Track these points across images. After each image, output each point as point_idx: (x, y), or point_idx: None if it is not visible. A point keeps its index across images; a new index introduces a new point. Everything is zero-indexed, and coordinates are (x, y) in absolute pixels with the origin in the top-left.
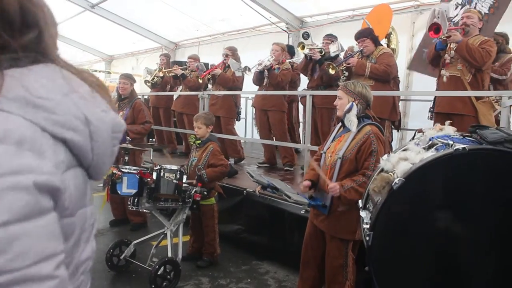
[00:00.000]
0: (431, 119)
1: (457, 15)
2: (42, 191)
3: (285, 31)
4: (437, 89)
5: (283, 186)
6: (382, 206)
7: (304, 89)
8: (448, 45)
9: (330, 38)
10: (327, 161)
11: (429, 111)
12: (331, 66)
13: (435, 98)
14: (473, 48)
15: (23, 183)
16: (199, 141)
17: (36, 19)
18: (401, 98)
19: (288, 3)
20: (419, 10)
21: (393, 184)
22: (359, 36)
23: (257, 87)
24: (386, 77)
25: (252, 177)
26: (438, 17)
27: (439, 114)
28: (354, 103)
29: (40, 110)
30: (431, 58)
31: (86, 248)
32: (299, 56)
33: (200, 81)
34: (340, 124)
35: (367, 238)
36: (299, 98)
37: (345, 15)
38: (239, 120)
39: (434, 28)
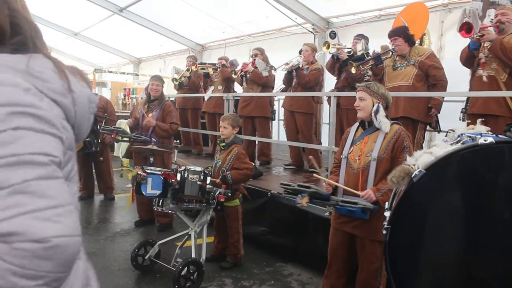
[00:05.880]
0: (463, 120)
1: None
2: (43, 121)
3: (311, 32)
4: (470, 89)
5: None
6: (402, 199)
7: (332, 90)
8: (482, 44)
9: (360, 37)
10: (353, 165)
11: (461, 112)
12: (353, 65)
13: (467, 98)
14: (508, 47)
15: (30, 112)
16: (224, 144)
17: (22, 30)
18: None
19: (314, 4)
20: (447, 8)
21: (413, 176)
22: (392, 34)
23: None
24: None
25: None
26: (469, 16)
27: (473, 115)
28: (380, 104)
29: (38, 79)
30: (464, 59)
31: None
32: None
33: (234, 76)
34: (357, 126)
35: (384, 232)
36: (326, 98)
37: (372, 15)
38: (274, 120)
39: (466, 27)
